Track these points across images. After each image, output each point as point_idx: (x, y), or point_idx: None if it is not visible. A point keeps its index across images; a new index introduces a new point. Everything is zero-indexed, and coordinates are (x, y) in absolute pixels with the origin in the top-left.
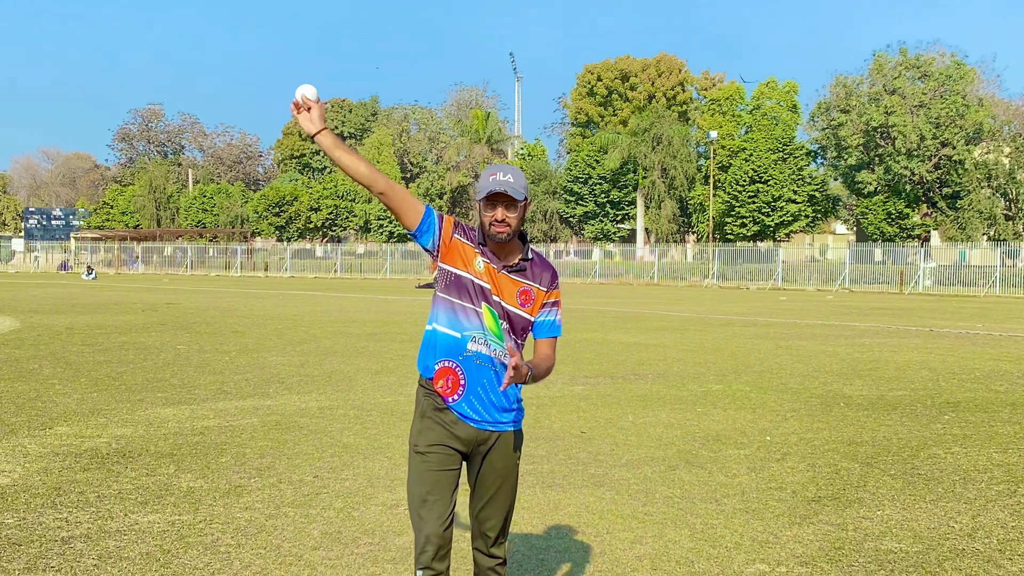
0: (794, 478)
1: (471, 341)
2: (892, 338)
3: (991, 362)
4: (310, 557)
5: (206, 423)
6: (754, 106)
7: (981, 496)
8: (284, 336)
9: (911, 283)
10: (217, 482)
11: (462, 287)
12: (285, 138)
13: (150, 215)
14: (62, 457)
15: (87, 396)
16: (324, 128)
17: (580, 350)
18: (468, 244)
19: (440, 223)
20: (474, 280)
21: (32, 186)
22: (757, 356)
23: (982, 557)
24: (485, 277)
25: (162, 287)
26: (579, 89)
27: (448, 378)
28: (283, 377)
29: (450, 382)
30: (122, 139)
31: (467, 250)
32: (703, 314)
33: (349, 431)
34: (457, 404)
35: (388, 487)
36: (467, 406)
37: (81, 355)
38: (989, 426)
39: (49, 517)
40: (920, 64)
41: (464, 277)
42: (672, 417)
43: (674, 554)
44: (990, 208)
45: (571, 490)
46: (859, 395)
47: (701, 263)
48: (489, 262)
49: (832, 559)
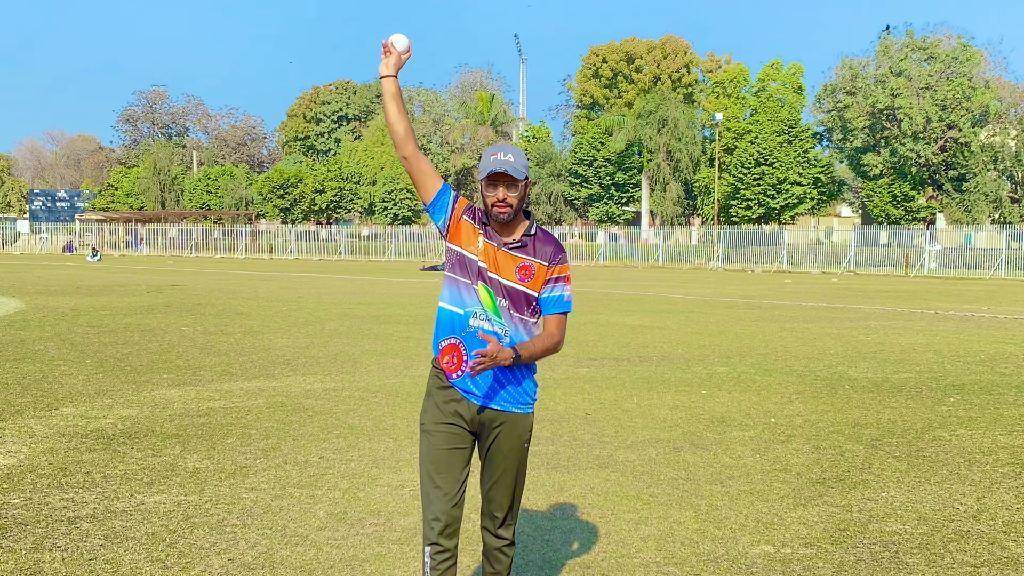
0: (799, 460)
1: (473, 317)
2: (897, 320)
3: (996, 344)
4: (315, 537)
5: (211, 404)
6: (759, 88)
7: (986, 478)
8: (289, 318)
9: (916, 266)
10: (223, 463)
11: (464, 266)
12: (289, 120)
13: (154, 197)
14: (68, 438)
15: (92, 377)
16: (394, 76)
17: (585, 332)
18: (473, 224)
19: (453, 203)
20: (475, 260)
21: (37, 168)
22: (762, 339)
23: (987, 539)
24: (483, 256)
25: (167, 269)
26: (584, 71)
27: (453, 355)
28: (288, 359)
29: (454, 358)
30: (126, 121)
31: (471, 230)
32: (708, 297)
33: (354, 412)
34: (460, 381)
35: (393, 468)
36: (470, 381)
37: (86, 336)
38: (994, 408)
39: (55, 497)
40: (926, 46)
41: (467, 256)
42: (677, 399)
43: (679, 535)
44: (996, 191)
45: (576, 471)
46: (864, 377)
47: (706, 246)
48: (489, 241)
49: (837, 540)
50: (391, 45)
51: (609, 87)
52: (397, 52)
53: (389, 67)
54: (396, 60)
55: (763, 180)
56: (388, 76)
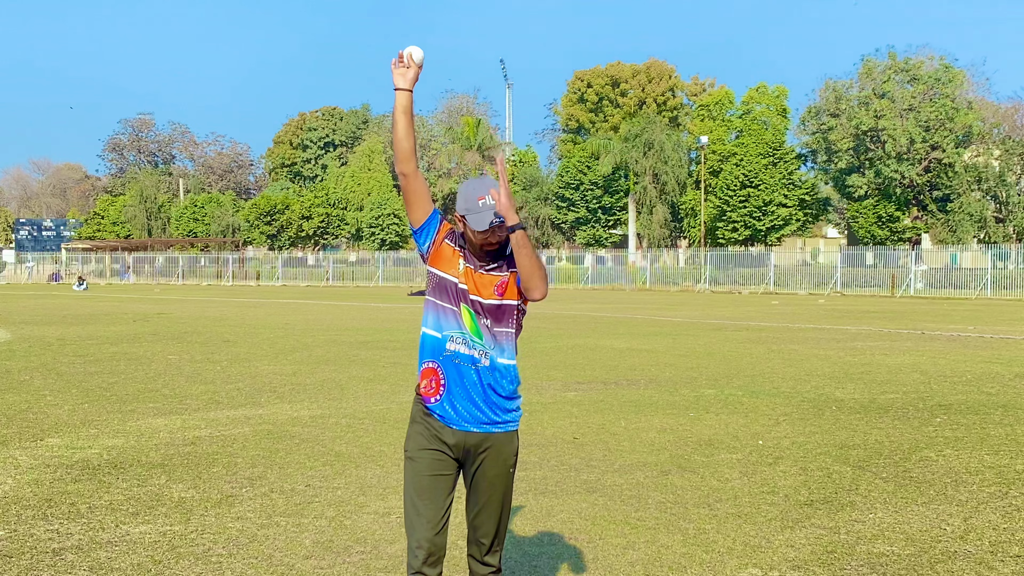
0: (786, 482)
1: (450, 341)
2: (884, 341)
3: (982, 364)
4: (302, 567)
5: (198, 433)
6: (744, 111)
7: (973, 498)
8: (276, 345)
9: (903, 286)
10: (208, 492)
11: (444, 289)
12: (276, 146)
13: (141, 225)
14: (53, 468)
15: (78, 407)
16: (409, 90)
17: (572, 356)
18: (453, 247)
19: (438, 227)
20: (455, 283)
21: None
22: (749, 360)
23: (974, 559)
24: (464, 278)
25: (153, 297)
26: (570, 95)
27: (431, 379)
28: (275, 386)
29: (432, 383)
30: (112, 149)
31: (452, 253)
32: (695, 319)
33: (341, 440)
34: (438, 406)
35: (380, 495)
36: (448, 407)
37: (72, 366)
38: (981, 428)
39: (40, 529)
40: (909, 68)
41: (447, 280)
42: (665, 422)
43: (667, 559)
44: (980, 211)
45: (563, 496)
46: (851, 399)
47: (693, 268)
48: (468, 264)
49: (824, 562)
50: (409, 57)
51: (595, 111)
52: (416, 65)
53: (407, 80)
54: (414, 73)
55: (749, 202)
56: (404, 90)
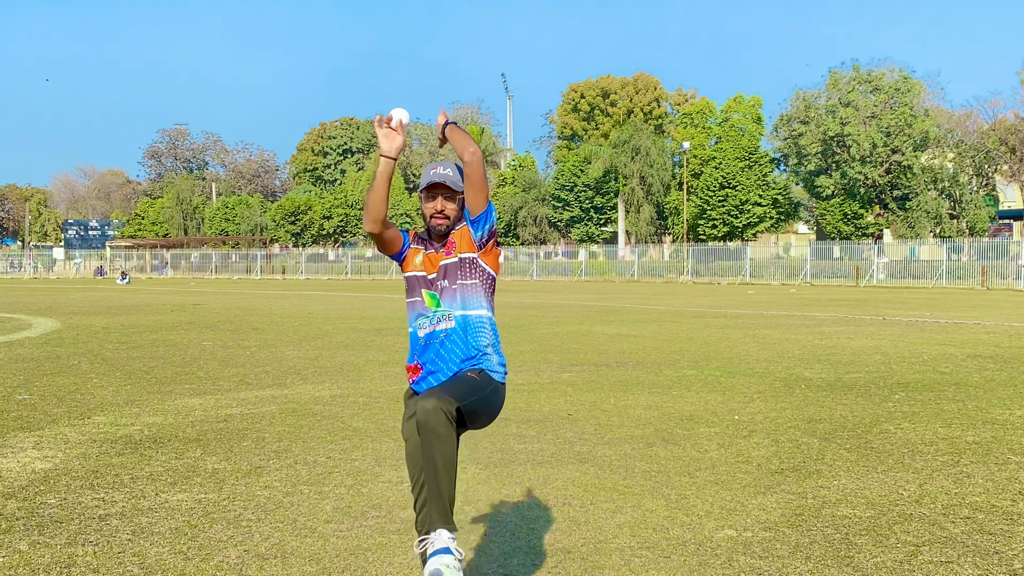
0: (759, 452)
1: (420, 329)
2: (848, 326)
3: (938, 346)
4: (323, 530)
5: (229, 411)
6: (723, 119)
7: (927, 466)
8: (300, 332)
9: (866, 277)
10: (239, 464)
11: (412, 286)
12: (299, 153)
13: (178, 225)
14: (99, 443)
15: (121, 388)
16: (395, 158)
17: (567, 341)
18: (416, 247)
19: (409, 243)
20: (421, 275)
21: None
22: (727, 344)
23: (928, 520)
24: (423, 266)
25: (189, 290)
26: (564, 106)
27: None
28: (299, 369)
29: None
30: (151, 156)
31: (414, 252)
32: (678, 307)
33: (359, 416)
34: (416, 384)
35: (394, 466)
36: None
37: (116, 351)
38: (935, 404)
39: (87, 497)
40: (872, 79)
41: (414, 276)
42: (650, 400)
43: (651, 522)
44: (936, 208)
45: (558, 466)
46: (818, 378)
47: (677, 261)
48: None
49: (793, 524)
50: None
51: (587, 120)
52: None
53: (394, 148)
54: (401, 142)
55: (727, 201)
56: (391, 158)
